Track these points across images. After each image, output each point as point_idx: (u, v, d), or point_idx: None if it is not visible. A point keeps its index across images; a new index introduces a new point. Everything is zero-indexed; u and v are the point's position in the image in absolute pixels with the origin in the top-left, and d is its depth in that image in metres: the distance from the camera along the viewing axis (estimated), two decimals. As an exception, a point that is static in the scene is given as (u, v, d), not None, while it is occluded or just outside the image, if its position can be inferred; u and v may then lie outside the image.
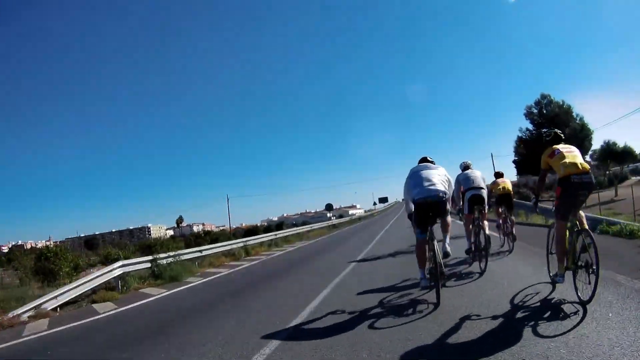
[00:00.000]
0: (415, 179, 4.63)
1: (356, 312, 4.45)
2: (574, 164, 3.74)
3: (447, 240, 4.86)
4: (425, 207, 4.39)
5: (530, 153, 34.63)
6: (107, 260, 16.53)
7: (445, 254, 4.71)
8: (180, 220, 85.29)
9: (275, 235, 19.84)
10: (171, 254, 11.09)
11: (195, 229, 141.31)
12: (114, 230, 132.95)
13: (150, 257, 10.71)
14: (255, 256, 14.30)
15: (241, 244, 15.01)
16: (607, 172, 35.18)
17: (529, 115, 37.36)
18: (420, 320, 3.83)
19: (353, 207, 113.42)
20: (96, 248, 51.36)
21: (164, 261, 10.65)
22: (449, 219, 4.88)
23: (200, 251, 12.49)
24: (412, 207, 4.62)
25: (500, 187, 7.79)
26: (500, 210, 7.85)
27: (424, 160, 5.02)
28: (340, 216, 51.91)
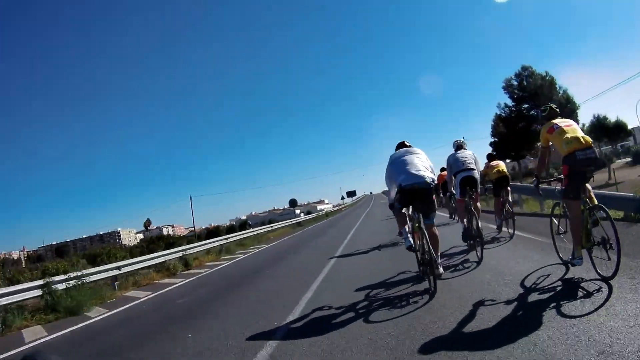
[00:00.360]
0: (398, 165, 4.38)
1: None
2: (577, 139, 3.63)
3: (438, 259, 4.25)
4: (412, 194, 4.17)
5: (511, 132, 31.73)
6: (46, 275, 13.42)
7: (440, 275, 4.15)
8: (147, 223, 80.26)
9: (226, 239, 16.90)
10: (72, 275, 8.24)
11: (165, 231, 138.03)
12: (84, 237, 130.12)
13: (40, 282, 7.86)
14: (197, 269, 11.60)
15: (179, 254, 12.10)
16: (600, 150, 32.11)
17: (508, 88, 32.90)
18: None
19: (321, 202, 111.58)
20: (67, 255, 48.50)
21: (63, 285, 7.90)
22: (437, 230, 4.38)
23: (119, 268, 9.45)
24: (394, 195, 4.42)
25: (495, 169, 7.15)
26: (500, 197, 7.14)
27: (402, 145, 4.74)
28: (309, 212, 50.53)
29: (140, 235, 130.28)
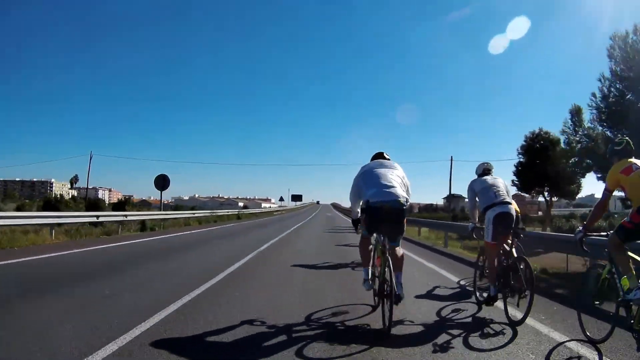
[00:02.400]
0: (369, 178, 3.73)
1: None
2: None
3: (400, 278, 3.46)
4: (381, 214, 3.53)
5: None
6: None
7: (398, 297, 3.28)
8: (75, 179, 71.98)
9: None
10: None
11: (100, 193, 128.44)
12: (17, 179, 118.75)
13: None
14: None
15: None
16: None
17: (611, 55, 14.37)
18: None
19: (267, 200, 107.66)
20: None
21: None
22: (401, 250, 3.66)
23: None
24: (359, 212, 4.02)
25: None
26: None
27: (379, 156, 4.12)
28: (245, 207, 47.04)
29: (74, 192, 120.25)
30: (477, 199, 4.49)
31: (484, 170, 4.70)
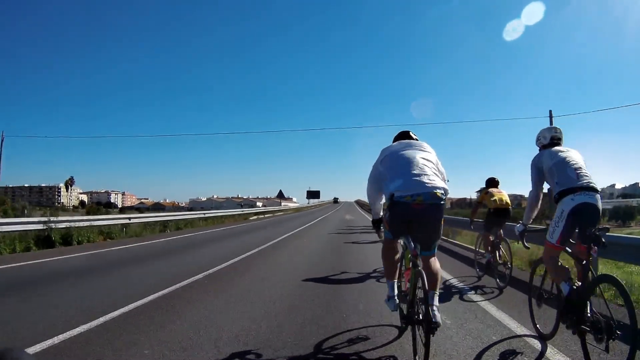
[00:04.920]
0: (393, 164, 2.76)
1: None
2: None
3: (436, 301, 2.42)
4: (411, 212, 2.57)
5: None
6: None
7: (436, 325, 2.32)
8: (70, 181, 70.16)
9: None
10: None
11: (113, 197, 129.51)
12: (25, 185, 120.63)
13: None
14: None
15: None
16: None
17: None
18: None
19: (289, 199, 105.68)
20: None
21: None
22: (437, 263, 2.68)
23: None
24: (380, 209, 3.14)
25: (496, 198, 5.64)
26: (490, 237, 5.56)
27: (404, 136, 3.09)
28: (251, 206, 46.57)
29: (84, 197, 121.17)
30: (545, 179, 3.02)
31: (552, 138, 3.15)
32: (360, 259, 7.44)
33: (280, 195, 48.65)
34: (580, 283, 2.67)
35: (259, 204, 64.46)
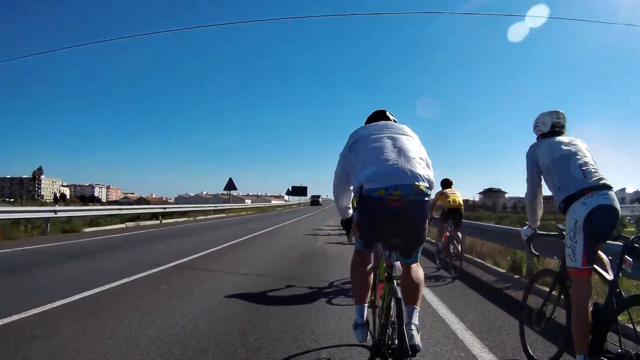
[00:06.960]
0: (363, 150, 2.07)
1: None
2: None
3: (415, 318, 1.91)
4: (386, 211, 1.87)
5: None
6: None
7: (413, 349, 1.78)
8: (38, 172, 64.55)
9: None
10: None
11: (97, 191, 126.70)
12: (7, 177, 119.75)
13: None
14: None
15: None
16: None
17: None
18: None
19: (280, 197, 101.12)
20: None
21: None
22: (420, 270, 2.06)
23: None
24: (350, 208, 2.36)
25: (450, 199, 6.23)
26: (446, 227, 6.33)
27: (379, 116, 2.37)
28: (243, 201, 46.93)
29: (66, 189, 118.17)
30: (543, 178, 2.46)
31: (554, 125, 2.53)
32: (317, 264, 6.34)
33: (230, 185, 28.93)
34: (601, 303, 2.18)
35: (248, 201, 65.25)
